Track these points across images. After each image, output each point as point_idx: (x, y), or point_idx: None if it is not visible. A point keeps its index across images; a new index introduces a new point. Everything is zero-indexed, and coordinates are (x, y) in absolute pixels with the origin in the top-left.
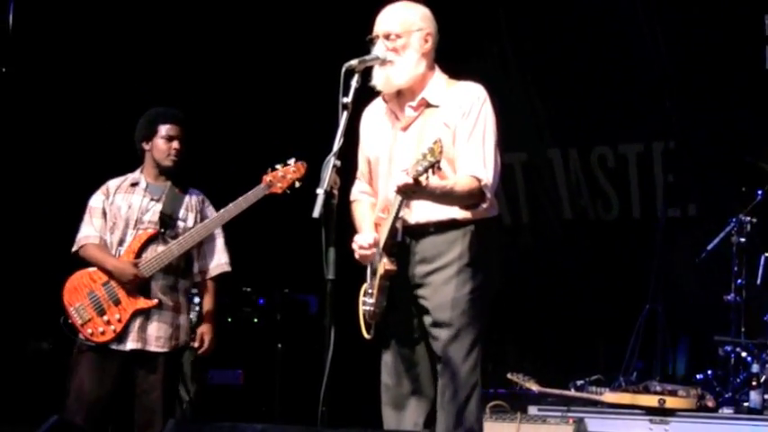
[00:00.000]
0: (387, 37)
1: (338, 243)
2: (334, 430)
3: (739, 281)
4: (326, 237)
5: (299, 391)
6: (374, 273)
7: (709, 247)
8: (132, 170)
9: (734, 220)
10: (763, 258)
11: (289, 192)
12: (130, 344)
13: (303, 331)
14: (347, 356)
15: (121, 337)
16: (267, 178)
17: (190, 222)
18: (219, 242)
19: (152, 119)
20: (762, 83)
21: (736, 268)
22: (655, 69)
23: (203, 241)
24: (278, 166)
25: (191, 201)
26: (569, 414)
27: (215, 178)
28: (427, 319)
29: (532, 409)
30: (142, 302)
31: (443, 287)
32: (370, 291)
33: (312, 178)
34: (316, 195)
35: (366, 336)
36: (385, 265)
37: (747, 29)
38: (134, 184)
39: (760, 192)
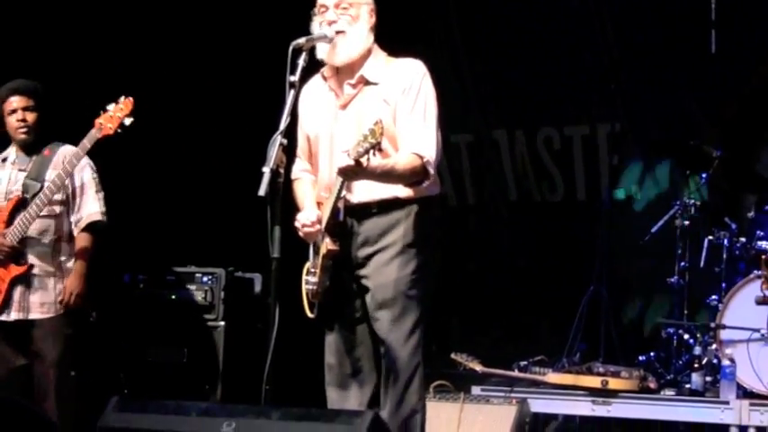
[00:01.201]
0: (338, 5)
1: (284, 222)
2: (278, 409)
3: (683, 263)
4: (272, 215)
5: (243, 370)
6: (317, 252)
7: (654, 230)
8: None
9: (678, 203)
10: (706, 241)
11: (120, 131)
12: (14, 314)
13: (247, 310)
14: (291, 335)
15: (4, 308)
16: (99, 121)
17: (59, 181)
18: (90, 194)
19: None
20: (707, 67)
21: (679, 251)
22: (601, 52)
23: (76, 195)
24: (109, 107)
25: (59, 159)
26: (512, 394)
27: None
28: (369, 300)
29: (476, 390)
30: (14, 270)
31: (385, 267)
32: (312, 270)
33: (259, 157)
34: (261, 174)
35: (309, 314)
36: (327, 245)
37: (694, 12)
38: (4, 160)
39: (704, 175)
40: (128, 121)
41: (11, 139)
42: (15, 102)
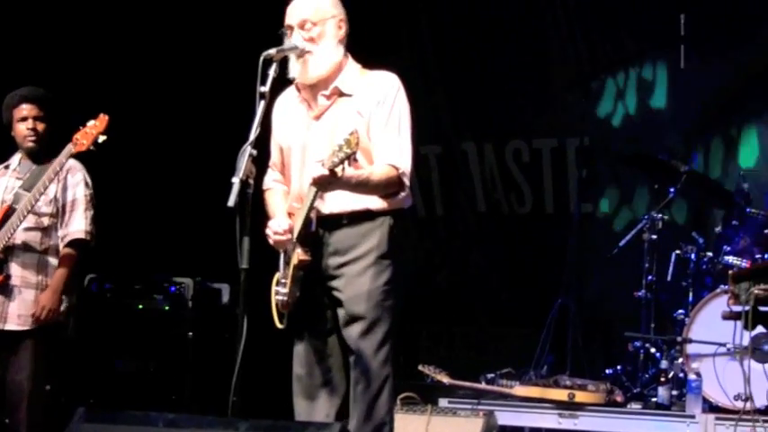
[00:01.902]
0: (302, 26)
1: (253, 232)
2: (245, 420)
3: (650, 277)
4: (241, 226)
5: (210, 381)
6: (287, 262)
7: (621, 244)
8: None
9: (646, 216)
10: (673, 255)
11: (93, 148)
12: None
13: (214, 320)
14: (259, 346)
15: None
16: (76, 136)
17: (51, 193)
18: (79, 210)
19: (5, 105)
20: (678, 82)
21: (647, 265)
22: (571, 66)
23: (66, 210)
24: (89, 123)
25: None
26: (480, 407)
27: (128, 166)
28: (340, 311)
29: (443, 402)
30: None
31: (357, 279)
32: (283, 280)
33: (228, 167)
34: (231, 184)
35: (279, 325)
36: (299, 255)
37: (664, 28)
38: (7, 167)
39: (672, 189)
40: (101, 139)
41: (17, 146)
42: (26, 110)
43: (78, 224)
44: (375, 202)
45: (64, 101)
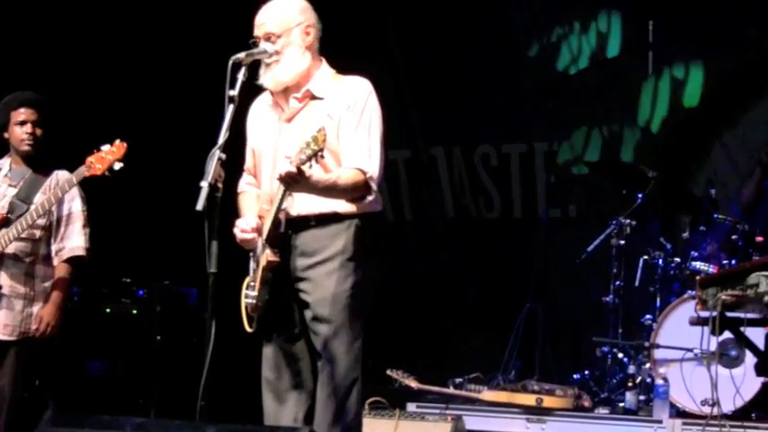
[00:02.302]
0: (267, 39)
1: (222, 236)
2: (213, 424)
3: (618, 282)
4: (209, 230)
5: (178, 385)
6: (257, 265)
7: (589, 249)
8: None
9: (614, 222)
10: (641, 261)
11: (108, 174)
12: None
13: (182, 323)
14: (228, 350)
15: None
16: (90, 159)
17: (41, 210)
18: (77, 226)
19: (4, 106)
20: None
21: (615, 270)
22: (540, 73)
23: (62, 223)
24: (104, 147)
25: (50, 183)
26: (448, 411)
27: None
28: (308, 314)
29: (411, 406)
30: None
31: (324, 282)
32: (252, 283)
33: (197, 171)
34: (200, 188)
35: (248, 329)
36: (267, 256)
37: (632, 34)
38: None
39: (640, 195)
40: (117, 166)
41: (8, 149)
42: (26, 114)
43: (78, 241)
44: (343, 206)
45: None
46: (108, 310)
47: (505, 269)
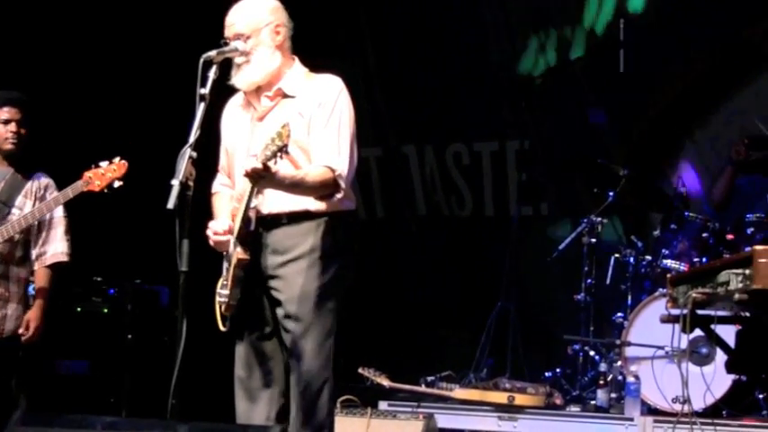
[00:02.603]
0: (237, 37)
1: (193, 235)
2: (185, 423)
3: (589, 281)
4: (181, 228)
5: (149, 383)
6: (230, 264)
7: (561, 247)
8: None
9: (585, 220)
10: (612, 259)
11: (107, 191)
12: None
13: (154, 322)
14: (199, 349)
15: None
16: (88, 174)
17: (27, 209)
18: (60, 231)
19: None
20: (617, 86)
21: (586, 268)
22: (511, 71)
23: (43, 228)
24: (102, 163)
25: (31, 187)
26: (419, 410)
27: (66, 166)
28: (279, 312)
29: (383, 405)
30: None
31: (295, 279)
32: (225, 282)
33: (168, 169)
34: (170, 186)
35: (222, 328)
36: (238, 254)
37: (604, 32)
38: None
39: (611, 193)
40: (117, 184)
41: None
42: (11, 112)
43: (60, 246)
44: (314, 203)
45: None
46: (79, 309)
47: (477, 267)
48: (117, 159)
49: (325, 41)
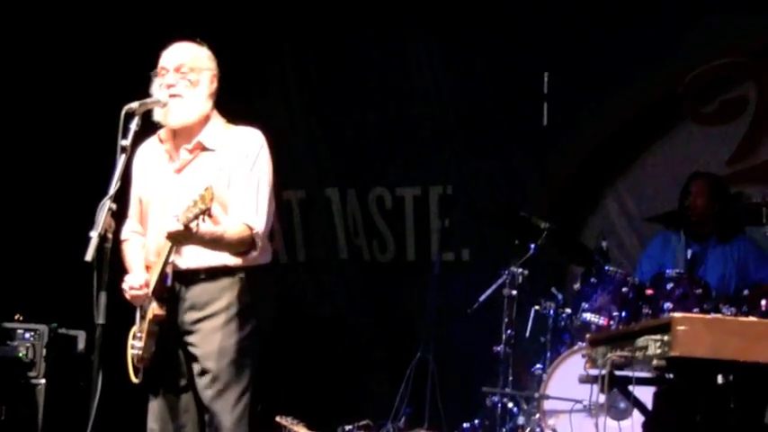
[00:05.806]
0: (178, 69)
1: (110, 285)
2: None
3: (509, 332)
4: (98, 281)
5: (63, 430)
6: (143, 316)
7: (481, 299)
8: None
9: (506, 271)
10: (532, 311)
11: None
12: None
13: (69, 367)
14: (115, 399)
15: None
16: None
17: None
18: None
19: None
20: (539, 138)
21: (506, 319)
22: (436, 118)
23: None
24: None
25: None
26: None
27: None
28: (196, 367)
29: None
30: None
31: (212, 335)
32: (139, 334)
33: (87, 220)
34: (89, 238)
35: (134, 379)
36: (154, 310)
37: (528, 85)
38: None
39: (533, 246)
40: None
41: None
42: None
43: None
44: (231, 259)
45: None
46: None
47: (399, 312)
48: None
49: (249, 81)
